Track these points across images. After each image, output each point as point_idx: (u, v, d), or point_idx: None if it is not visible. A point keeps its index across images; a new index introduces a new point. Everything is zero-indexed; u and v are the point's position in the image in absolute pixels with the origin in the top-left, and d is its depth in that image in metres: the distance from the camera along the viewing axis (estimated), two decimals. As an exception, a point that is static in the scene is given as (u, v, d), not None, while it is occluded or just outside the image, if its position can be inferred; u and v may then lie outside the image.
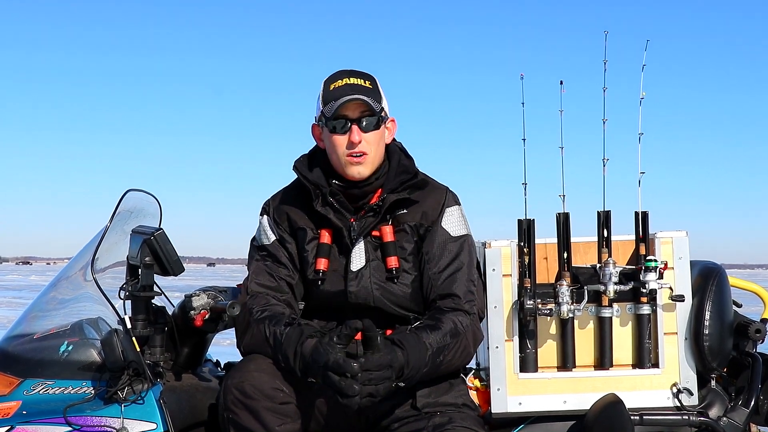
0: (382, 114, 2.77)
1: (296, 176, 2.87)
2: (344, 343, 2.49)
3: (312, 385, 2.59)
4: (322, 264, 2.75)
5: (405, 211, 2.79)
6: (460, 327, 2.66)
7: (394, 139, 2.89)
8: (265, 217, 2.88)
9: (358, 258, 2.75)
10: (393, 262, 2.73)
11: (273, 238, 2.84)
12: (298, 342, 2.56)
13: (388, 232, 2.75)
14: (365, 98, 2.72)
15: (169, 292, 3.00)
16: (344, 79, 2.76)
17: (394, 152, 2.85)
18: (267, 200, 2.92)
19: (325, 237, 2.77)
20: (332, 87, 2.75)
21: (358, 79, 2.76)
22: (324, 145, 2.82)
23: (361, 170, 2.75)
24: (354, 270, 2.74)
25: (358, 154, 2.73)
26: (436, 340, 2.60)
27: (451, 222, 2.80)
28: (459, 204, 2.85)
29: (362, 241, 2.76)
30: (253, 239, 2.90)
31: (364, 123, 2.73)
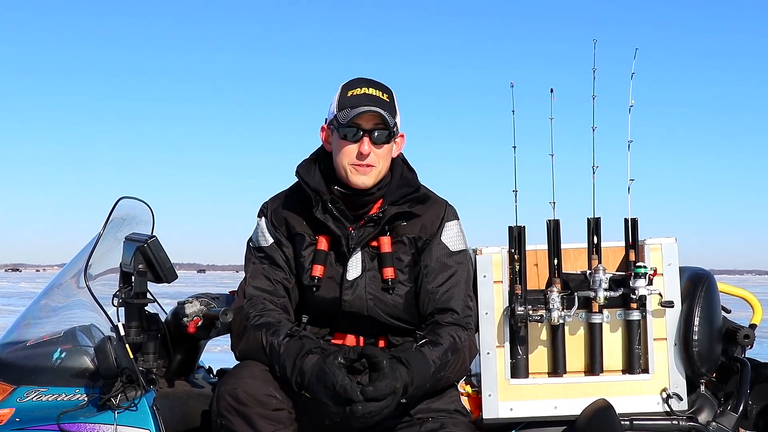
0: (395, 129, 2.78)
1: (295, 180, 2.87)
2: (348, 366, 2.54)
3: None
4: (317, 270, 2.76)
5: (405, 223, 2.80)
6: (459, 343, 2.69)
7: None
8: (263, 219, 2.89)
9: (354, 267, 2.76)
10: (389, 273, 2.75)
11: (271, 240, 2.84)
12: (297, 355, 2.58)
13: (386, 243, 2.77)
14: (382, 111, 2.72)
15: (160, 298, 3.01)
16: (363, 88, 2.76)
17: (397, 164, 2.86)
18: (265, 202, 2.92)
19: (323, 243, 2.78)
20: (350, 94, 2.75)
21: (377, 91, 2.76)
22: (330, 148, 2.83)
23: (365, 180, 2.75)
24: (350, 279, 2.75)
25: (365, 165, 2.74)
26: (438, 356, 2.63)
27: (450, 236, 2.81)
28: (458, 219, 2.86)
29: (359, 251, 2.77)
30: (250, 240, 2.90)
31: (376, 135, 2.74)
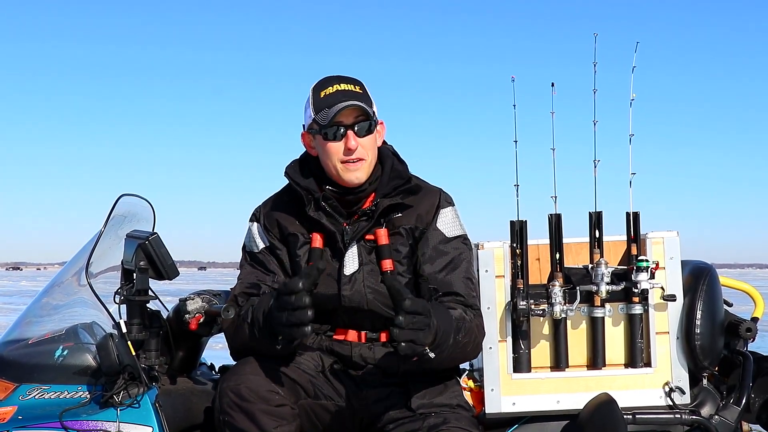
0: (374, 118, 2.79)
1: (287, 182, 2.87)
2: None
3: (309, 383, 2.61)
4: None
5: (400, 214, 2.80)
6: (467, 317, 2.68)
7: (384, 142, 2.90)
8: (255, 224, 2.89)
9: (351, 262, 2.76)
10: (388, 264, 2.74)
11: (262, 245, 2.85)
12: (267, 303, 2.59)
13: (382, 235, 2.76)
14: (361, 104, 2.72)
15: (161, 295, 3.02)
16: (334, 86, 2.75)
17: (387, 156, 2.86)
18: (258, 206, 2.92)
19: (317, 241, 2.77)
20: (323, 94, 2.75)
21: (348, 85, 2.76)
22: (316, 153, 2.82)
23: (358, 175, 2.76)
24: (347, 274, 2.75)
25: (354, 160, 2.74)
26: (455, 317, 2.62)
27: (446, 223, 2.81)
28: (452, 205, 2.86)
29: (355, 245, 2.77)
30: (244, 246, 2.91)
31: (359, 128, 2.74)
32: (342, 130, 2.73)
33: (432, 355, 2.45)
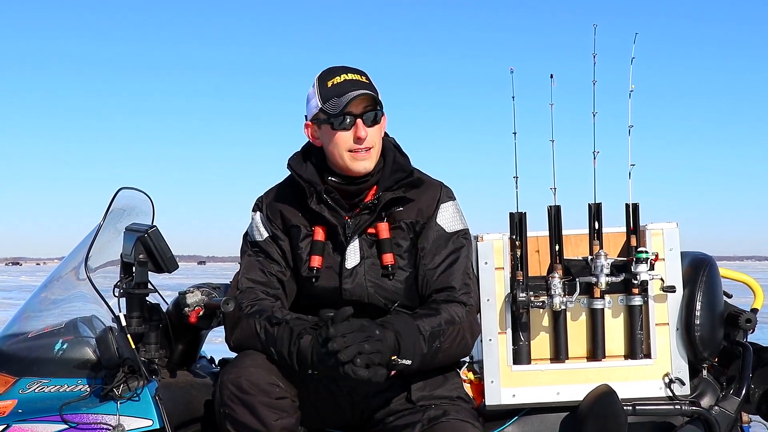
0: (381, 107, 2.78)
1: (288, 174, 2.87)
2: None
3: (309, 377, 2.61)
4: (316, 261, 2.76)
5: (401, 208, 2.80)
6: (456, 317, 2.68)
7: (386, 134, 2.89)
8: (258, 213, 2.89)
9: (352, 255, 2.76)
10: (389, 259, 2.74)
11: (266, 234, 2.85)
12: (291, 341, 2.59)
13: (384, 229, 2.76)
14: (371, 93, 2.72)
15: (161, 290, 3.01)
16: (341, 75, 2.74)
17: (389, 149, 2.86)
18: (260, 196, 2.92)
19: (319, 234, 2.77)
20: (330, 84, 2.74)
21: (355, 75, 2.75)
22: (320, 143, 2.81)
23: (366, 165, 2.75)
24: (348, 267, 2.75)
25: (364, 149, 2.73)
26: (429, 324, 2.63)
27: (446, 217, 2.81)
28: (454, 199, 2.86)
29: (357, 239, 2.77)
30: (246, 234, 2.91)
31: (367, 117, 2.74)
32: (351, 120, 2.73)
33: (403, 362, 2.54)
